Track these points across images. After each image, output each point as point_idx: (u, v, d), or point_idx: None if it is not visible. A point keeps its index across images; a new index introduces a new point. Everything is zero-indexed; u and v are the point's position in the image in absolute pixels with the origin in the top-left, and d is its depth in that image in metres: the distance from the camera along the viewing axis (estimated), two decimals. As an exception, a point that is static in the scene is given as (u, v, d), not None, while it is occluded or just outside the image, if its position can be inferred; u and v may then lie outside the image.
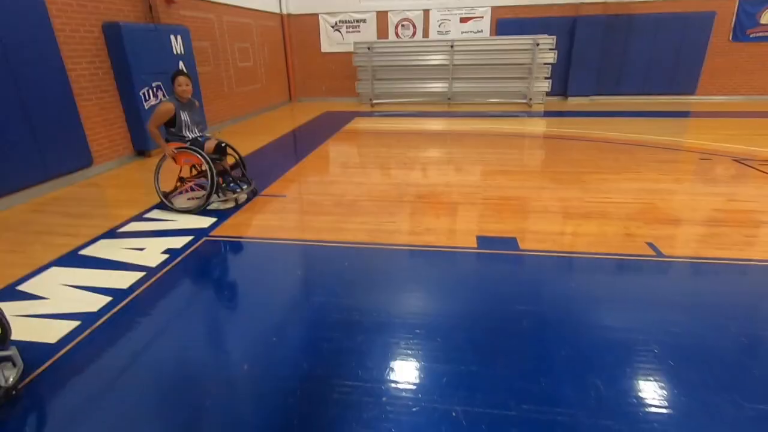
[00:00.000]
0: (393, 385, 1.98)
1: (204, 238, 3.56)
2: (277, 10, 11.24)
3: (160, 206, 4.22)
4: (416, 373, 2.05)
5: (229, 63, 8.93)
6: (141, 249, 3.39)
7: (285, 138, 7.82)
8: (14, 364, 1.99)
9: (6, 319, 2.03)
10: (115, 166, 5.78)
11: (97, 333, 2.39)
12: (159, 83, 6.22)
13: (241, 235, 3.65)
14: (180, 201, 4.30)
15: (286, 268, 3.20)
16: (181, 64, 6.65)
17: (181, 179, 4.36)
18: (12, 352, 2.03)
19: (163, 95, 6.30)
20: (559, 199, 4.29)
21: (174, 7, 6.70)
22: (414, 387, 1.96)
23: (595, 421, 1.76)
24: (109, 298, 2.71)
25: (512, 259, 3.18)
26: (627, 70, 11.05)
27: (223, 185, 4.32)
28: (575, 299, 2.67)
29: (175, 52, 6.53)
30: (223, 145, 4.26)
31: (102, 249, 3.40)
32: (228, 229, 3.76)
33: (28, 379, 2.04)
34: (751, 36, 10.45)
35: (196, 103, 4.27)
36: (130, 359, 2.20)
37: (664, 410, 1.81)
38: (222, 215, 4.04)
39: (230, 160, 4.50)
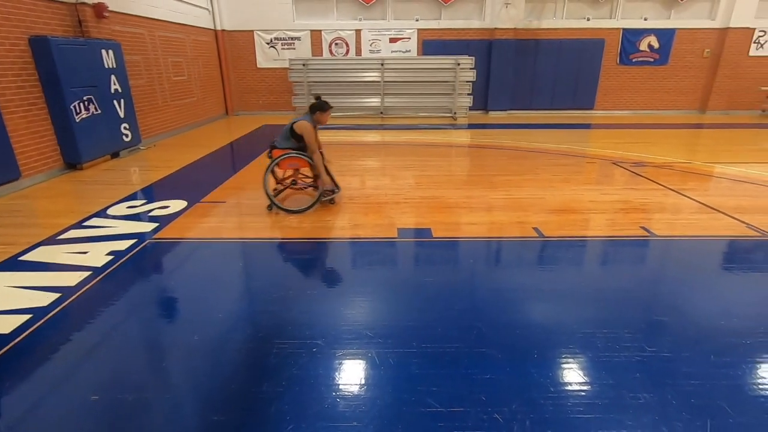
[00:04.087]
0: (322, 340, 2.45)
1: (147, 240, 3.81)
2: (211, 26, 11.40)
3: (99, 215, 4.38)
4: (341, 331, 2.54)
5: (163, 77, 8.98)
6: (84, 252, 3.57)
7: (222, 150, 8.03)
8: (-23, 346, 2.20)
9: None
10: (44, 178, 5.71)
11: (51, 322, 2.62)
12: (90, 96, 6.25)
13: (183, 236, 3.94)
14: (286, 202, 4.66)
15: (228, 261, 3.56)
16: (113, 78, 6.71)
17: (293, 182, 4.80)
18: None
19: (96, 109, 6.34)
20: (469, 197, 5.03)
21: (104, 22, 6.76)
22: (339, 340, 2.45)
23: (473, 350, 2.35)
24: (57, 294, 2.91)
25: (426, 244, 3.79)
26: (537, 88, 12.51)
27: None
28: (471, 270, 3.33)
29: (106, 66, 6.59)
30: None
31: (43, 254, 3.53)
32: (170, 232, 4.02)
33: (-12, 362, 2.25)
34: (633, 60, 12.33)
35: None
36: (89, 341, 2.47)
37: (527, 337, 2.45)
38: (163, 221, 4.28)
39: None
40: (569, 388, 2.08)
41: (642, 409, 1.93)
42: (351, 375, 2.18)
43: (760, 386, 2.09)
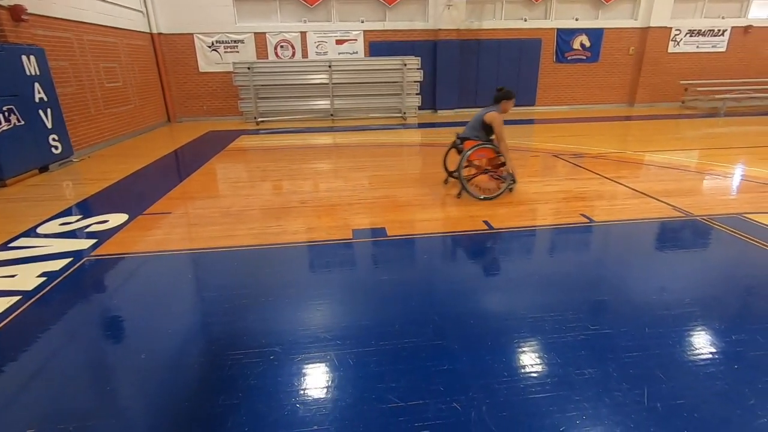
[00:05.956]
0: (279, 347, 2.41)
1: (85, 258, 3.57)
2: (147, 29, 10.84)
3: (27, 234, 4.05)
4: (299, 336, 2.51)
5: (95, 83, 8.42)
6: (12, 276, 3.29)
7: (165, 159, 7.66)
8: None
9: None
10: (-39, 198, 5.19)
11: (-24, 354, 2.39)
12: (11, 107, 5.75)
13: (126, 252, 3.72)
14: (474, 189, 4.91)
15: (176, 274, 3.40)
16: (37, 86, 6.21)
17: (485, 171, 5.00)
18: None
19: (18, 119, 5.84)
20: (423, 194, 5.12)
21: (24, 26, 6.24)
22: (297, 346, 2.42)
23: (431, 343, 2.41)
24: (-18, 324, 2.66)
25: (381, 243, 3.82)
26: (481, 86, 12.93)
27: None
28: (426, 265, 3.40)
29: (28, 73, 6.09)
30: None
31: (-37, 281, 3.21)
32: (111, 248, 3.79)
33: None
34: (568, 58, 13.08)
35: None
36: (22, 371, 2.28)
37: (481, 326, 2.53)
38: (102, 236, 4.02)
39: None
40: (522, 370, 2.18)
41: (587, 384, 2.05)
42: (310, 379, 2.16)
43: (688, 352, 2.30)
